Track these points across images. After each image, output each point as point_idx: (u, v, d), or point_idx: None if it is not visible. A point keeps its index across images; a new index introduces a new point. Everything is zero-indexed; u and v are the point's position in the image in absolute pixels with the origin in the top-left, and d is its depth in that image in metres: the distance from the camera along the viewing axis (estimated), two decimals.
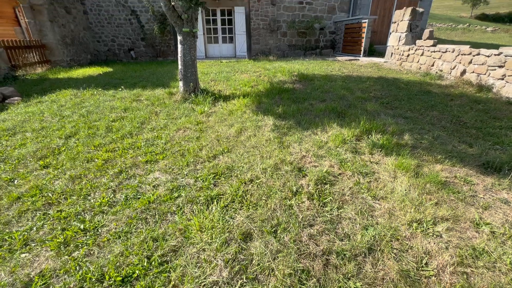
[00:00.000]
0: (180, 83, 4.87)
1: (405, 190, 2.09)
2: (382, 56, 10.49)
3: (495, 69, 5.24)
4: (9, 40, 7.90)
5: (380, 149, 2.78)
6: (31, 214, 1.99)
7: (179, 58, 4.67)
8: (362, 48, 10.13)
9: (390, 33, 8.60)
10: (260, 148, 2.92)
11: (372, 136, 3.05)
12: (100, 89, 5.73)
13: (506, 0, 60.41)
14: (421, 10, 7.63)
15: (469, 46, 5.95)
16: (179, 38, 4.53)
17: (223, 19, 11.95)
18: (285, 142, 3.03)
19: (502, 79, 5.08)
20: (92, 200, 2.14)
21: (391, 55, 8.68)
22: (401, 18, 8.03)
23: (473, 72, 5.71)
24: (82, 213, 1.99)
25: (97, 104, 4.66)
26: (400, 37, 8.16)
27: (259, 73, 6.57)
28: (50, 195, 2.20)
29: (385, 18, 12.50)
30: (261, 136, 3.21)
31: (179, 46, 4.58)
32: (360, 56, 10.22)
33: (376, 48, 12.15)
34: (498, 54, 5.16)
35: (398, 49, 8.30)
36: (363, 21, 10.02)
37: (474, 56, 5.68)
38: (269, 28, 12.02)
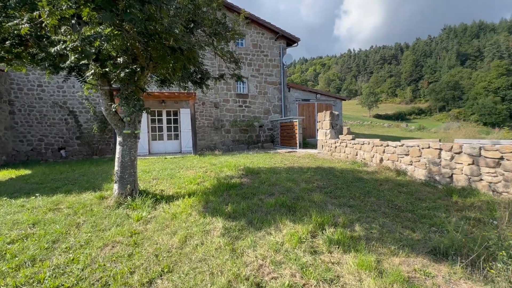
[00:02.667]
0: (115, 186, 4.34)
1: None
2: (314, 147, 12.04)
3: (403, 157, 6.39)
4: None
5: (337, 246, 2.66)
6: None
7: (116, 159, 4.32)
8: (298, 142, 11.54)
9: (318, 130, 10.23)
10: (210, 261, 2.46)
11: (326, 231, 2.97)
12: (5, 198, 4.64)
13: (390, 105, 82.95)
14: (336, 113, 9.53)
15: (379, 139, 7.34)
16: (118, 139, 4.33)
17: (168, 119, 12.55)
18: (238, 249, 2.67)
19: (411, 164, 6.15)
20: None
21: (322, 147, 10.02)
22: (323, 119, 9.77)
23: (388, 159, 6.84)
24: None
25: None
26: (326, 133, 9.70)
27: (205, 169, 6.51)
28: None
29: (310, 118, 15.13)
30: (210, 244, 2.79)
31: (118, 147, 4.32)
32: (297, 148, 11.49)
33: (308, 141, 14.04)
34: (402, 145, 6.43)
35: (326, 142, 9.71)
36: (294, 120, 11.83)
37: (385, 147, 6.94)
38: (214, 126, 13.01)
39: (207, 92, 12.86)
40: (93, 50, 2.68)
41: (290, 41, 14.44)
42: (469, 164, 4.86)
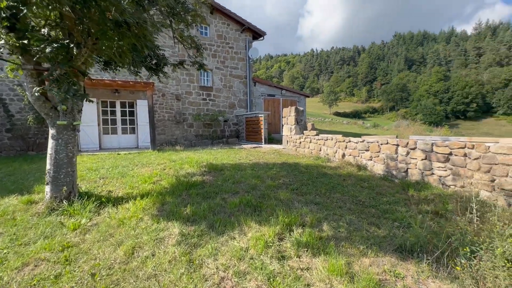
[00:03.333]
0: (47, 188, 3.59)
1: None
2: (279, 143, 12.04)
3: (364, 152, 6.60)
4: None
5: (306, 249, 2.47)
6: None
7: (48, 156, 3.57)
8: (263, 137, 11.39)
9: (283, 125, 10.19)
10: (161, 277, 2.07)
11: (294, 232, 2.77)
12: None
13: (348, 104, 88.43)
14: (301, 109, 9.57)
15: (341, 135, 7.52)
16: (51, 131, 3.57)
17: (123, 111, 11.37)
18: (196, 260, 2.31)
19: (371, 159, 6.38)
20: None
21: (287, 143, 10.01)
22: (289, 114, 9.74)
23: (350, 155, 7.02)
24: None
25: None
26: (291, 128, 9.69)
27: (163, 166, 5.92)
28: None
29: (276, 113, 15.14)
30: (163, 256, 2.38)
31: (51, 141, 3.57)
32: (262, 144, 11.35)
33: (274, 136, 14.02)
34: (363, 141, 6.63)
35: (291, 137, 9.71)
36: (259, 115, 11.65)
37: (347, 143, 7.12)
38: (175, 120, 12.18)
39: (167, 82, 11.98)
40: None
41: (257, 34, 14.16)
42: (422, 159, 5.15)
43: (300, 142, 9.17)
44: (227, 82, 13.53)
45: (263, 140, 11.42)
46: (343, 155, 7.23)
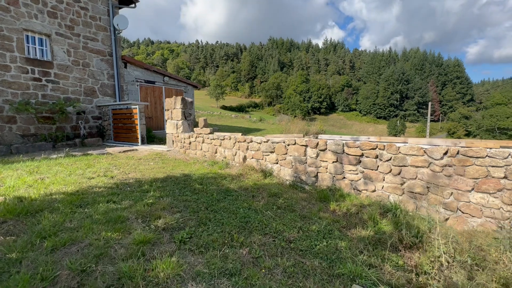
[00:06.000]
0: None
1: None
2: (162, 142, 9.59)
3: (268, 154, 5.55)
4: None
5: None
6: None
7: None
8: (139, 136, 8.59)
9: (166, 120, 7.88)
10: None
11: None
12: None
13: (233, 98, 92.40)
14: (190, 100, 7.60)
15: (241, 134, 6.22)
16: None
17: None
18: None
19: (277, 163, 5.41)
20: None
21: (173, 143, 7.81)
22: (173, 106, 7.54)
23: (252, 157, 5.84)
24: None
25: None
26: (177, 124, 7.56)
27: None
28: None
29: (157, 104, 12.31)
30: None
31: None
32: (138, 145, 8.54)
33: (155, 134, 11.26)
34: (267, 141, 5.56)
35: (178, 136, 7.59)
36: (133, 107, 8.70)
37: (249, 143, 5.88)
38: None
39: None
40: None
41: None
42: (333, 162, 4.55)
43: (190, 143, 7.24)
44: (79, 58, 9.44)
45: (139, 140, 8.62)
46: (245, 158, 5.97)
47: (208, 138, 6.76)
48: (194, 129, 7.17)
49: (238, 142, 6.07)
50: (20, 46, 8.07)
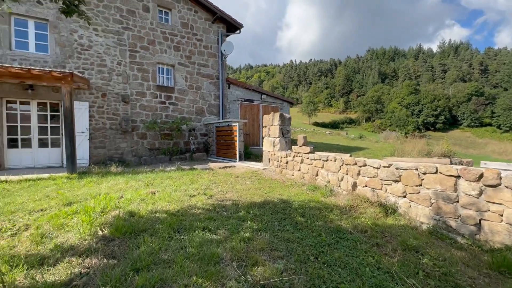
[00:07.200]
0: None
1: None
2: (258, 159, 9.48)
3: (390, 184, 4.19)
4: None
5: None
6: None
7: None
8: (237, 152, 8.76)
9: (263, 137, 7.66)
10: None
11: None
12: None
13: (326, 114, 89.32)
14: (288, 116, 7.12)
15: (349, 155, 5.10)
16: None
17: (42, 115, 8.19)
18: None
19: (404, 196, 3.98)
20: None
21: (269, 161, 7.45)
22: (271, 123, 7.23)
23: (365, 186, 4.60)
24: None
25: None
26: (274, 142, 7.17)
27: (25, 223, 3.01)
28: None
29: (254, 121, 12.63)
30: None
31: None
32: (236, 161, 8.69)
33: (252, 151, 11.44)
34: (388, 166, 4.23)
35: (275, 154, 7.17)
36: (233, 124, 9.04)
37: (361, 167, 4.70)
38: (121, 128, 9.16)
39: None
40: None
41: (231, 26, 11.70)
42: None
43: (287, 162, 6.64)
44: (193, 82, 10.81)
45: (237, 156, 8.77)
46: (354, 185, 4.79)
47: (307, 158, 5.97)
48: (292, 147, 6.56)
49: (346, 165, 4.97)
50: (153, 76, 9.91)
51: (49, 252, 2.30)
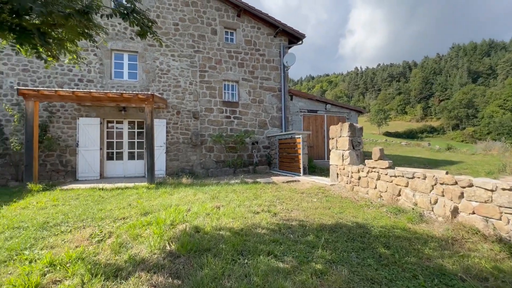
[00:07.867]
0: None
1: None
2: (323, 173, 8.78)
3: None
4: None
5: None
6: None
7: None
8: (301, 166, 8.31)
9: (330, 150, 7.03)
10: None
11: None
12: None
13: (399, 123, 79.44)
14: (359, 126, 6.36)
15: (445, 172, 4.08)
16: None
17: (131, 132, 9.57)
18: None
19: None
20: None
21: (337, 176, 6.74)
22: (339, 134, 6.59)
23: (473, 213, 3.54)
24: None
25: None
26: (343, 155, 6.47)
27: (109, 230, 3.30)
28: None
29: (319, 133, 11.96)
30: None
31: None
32: (300, 175, 8.24)
33: (316, 164, 10.77)
34: (510, 189, 3.16)
35: (344, 169, 6.45)
36: (296, 136, 8.69)
37: (464, 188, 3.67)
38: (191, 142, 9.93)
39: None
40: None
41: (293, 38, 11.61)
42: None
43: (360, 178, 5.85)
44: (256, 96, 11.02)
45: (301, 170, 8.32)
46: (455, 211, 3.76)
47: (386, 175, 5.10)
48: (366, 161, 5.76)
49: (441, 184, 3.98)
50: (219, 93, 10.52)
51: (124, 263, 2.39)
